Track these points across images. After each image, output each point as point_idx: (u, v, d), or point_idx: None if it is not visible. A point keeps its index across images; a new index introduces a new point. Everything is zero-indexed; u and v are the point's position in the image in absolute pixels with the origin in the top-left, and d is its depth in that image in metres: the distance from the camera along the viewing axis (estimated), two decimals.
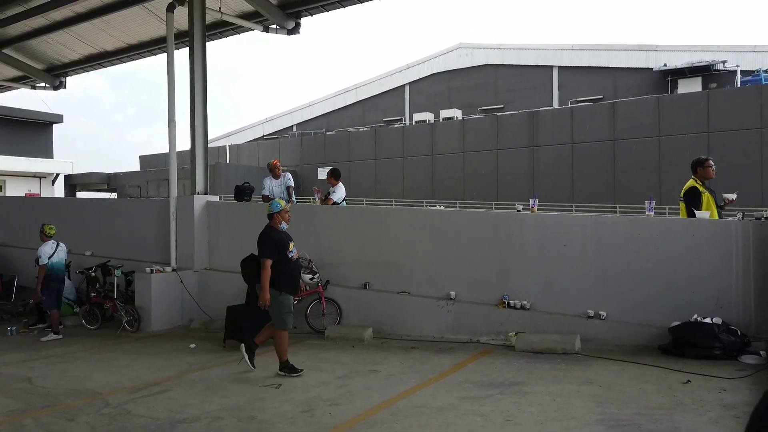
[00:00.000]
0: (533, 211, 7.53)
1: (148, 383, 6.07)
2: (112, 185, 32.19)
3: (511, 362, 6.10)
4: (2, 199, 20.45)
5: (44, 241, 9.41)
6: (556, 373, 5.57)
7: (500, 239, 7.55)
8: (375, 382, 5.65)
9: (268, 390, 5.58)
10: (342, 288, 8.67)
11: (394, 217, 8.92)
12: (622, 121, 24.41)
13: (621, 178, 24.17)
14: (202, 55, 10.73)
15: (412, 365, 6.24)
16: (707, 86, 27.17)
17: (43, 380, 6.37)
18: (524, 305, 7.25)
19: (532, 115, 26.83)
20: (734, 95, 22.82)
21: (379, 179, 29.88)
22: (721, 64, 27.70)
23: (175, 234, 10.17)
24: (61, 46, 14.97)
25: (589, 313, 6.86)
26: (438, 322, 7.76)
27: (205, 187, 10.53)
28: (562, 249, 7.10)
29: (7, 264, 12.28)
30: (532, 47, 33.91)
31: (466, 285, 7.74)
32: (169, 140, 10.23)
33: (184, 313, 9.77)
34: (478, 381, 5.44)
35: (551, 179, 25.19)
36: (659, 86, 29.34)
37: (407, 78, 37.36)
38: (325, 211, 9.42)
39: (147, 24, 13.29)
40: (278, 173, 10.20)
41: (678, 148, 22.73)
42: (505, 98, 33.85)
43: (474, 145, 27.97)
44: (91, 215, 12.21)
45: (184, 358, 7.30)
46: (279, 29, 12.07)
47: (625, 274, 6.78)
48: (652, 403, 4.60)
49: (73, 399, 5.62)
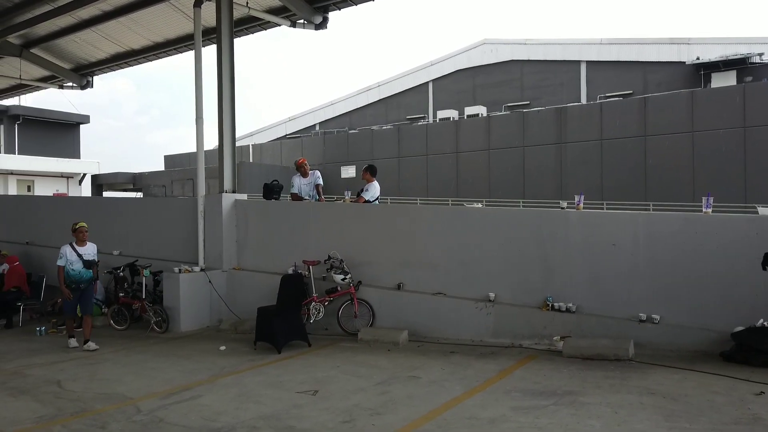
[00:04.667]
0: (579, 208, 7.14)
1: (180, 387, 5.86)
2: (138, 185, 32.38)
3: (560, 369, 5.73)
4: (30, 199, 20.62)
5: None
6: (611, 381, 5.20)
7: (543, 238, 7.18)
8: (417, 389, 5.34)
9: (305, 396, 5.31)
10: (374, 288, 8.38)
11: (428, 214, 8.60)
12: (653, 117, 23.72)
13: (652, 175, 23.48)
14: (230, 52, 10.54)
15: (454, 371, 5.91)
16: (742, 80, 26.30)
17: (72, 383, 6.20)
18: (569, 308, 6.87)
19: (560, 112, 26.26)
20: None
21: (403, 178, 29.53)
22: (757, 56, 26.79)
23: (203, 233, 9.99)
24: (88, 45, 14.96)
25: (641, 316, 6.45)
26: (477, 325, 7.42)
27: (233, 185, 10.33)
28: (611, 248, 6.70)
29: (35, 263, 12.25)
30: (559, 42, 33.24)
31: (506, 286, 7.39)
32: (196, 138, 10.05)
33: (213, 314, 9.59)
34: (528, 389, 5.10)
35: (579, 177, 24.58)
36: (691, 81, 28.50)
37: (430, 75, 36.96)
38: (356, 209, 9.14)
39: (173, 21, 13.16)
40: (306, 171, 9.96)
41: (712, 144, 22.03)
42: (530, 95, 33.25)
43: (499, 143, 27.50)
44: (119, 214, 12.11)
45: (214, 360, 7.09)
46: (306, 24, 11.83)
47: (680, 274, 6.36)
48: (726, 417, 4.22)
49: (103, 404, 5.42)
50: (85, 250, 8.43)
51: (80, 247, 8.41)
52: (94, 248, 8.59)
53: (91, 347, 8.07)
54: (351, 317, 8.28)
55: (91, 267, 8.39)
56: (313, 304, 8.44)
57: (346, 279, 8.33)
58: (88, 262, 8.37)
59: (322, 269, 8.69)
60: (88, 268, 8.37)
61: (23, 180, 30.36)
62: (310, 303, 8.43)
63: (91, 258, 8.44)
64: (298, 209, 9.63)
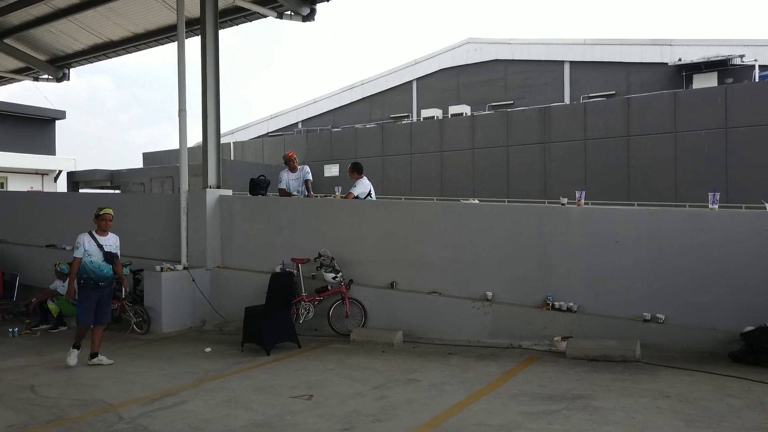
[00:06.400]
0: (580, 204, 6.93)
1: (163, 393, 5.49)
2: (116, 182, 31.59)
3: (565, 371, 5.50)
4: (2, 195, 19.88)
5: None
6: (622, 384, 4.98)
7: (543, 235, 6.95)
8: (417, 394, 5.06)
9: (299, 402, 4.99)
10: (366, 288, 8.09)
11: (422, 210, 8.32)
12: (636, 117, 23.85)
13: (635, 175, 23.59)
14: (215, 43, 10.15)
15: (455, 373, 5.64)
16: (723, 81, 26.59)
17: (47, 389, 5.79)
18: (570, 307, 6.65)
19: (544, 111, 26.26)
20: (753, 90, 22.28)
21: (387, 176, 29.27)
22: (738, 58, 27.10)
23: (186, 230, 9.58)
24: (65, 36, 14.38)
25: (645, 316, 6.26)
26: (474, 325, 7.17)
27: (217, 180, 9.94)
28: (613, 246, 6.50)
29: (8, 262, 11.70)
30: (543, 42, 33.33)
31: (504, 285, 7.15)
32: (179, 130, 9.64)
33: (196, 314, 9.19)
34: (535, 393, 4.85)
35: (564, 176, 24.59)
36: (674, 82, 28.77)
37: (415, 74, 36.79)
38: (347, 206, 8.83)
39: (154, 11, 12.68)
40: (295, 166, 9.63)
41: (695, 144, 22.21)
42: (515, 94, 33.27)
43: (484, 142, 27.43)
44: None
45: (199, 363, 6.72)
46: (294, 15, 11.46)
47: (686, 273, 6.18)
48: (749, 422, 4.01)
49: (81, 411, 5.03)
50: (107, 240, 7.02)
51: (101, 236, 7.01)
52: (116, 240, 7.15)
53: (104, 362, 6.84)
54: (342, 317, 7.97)
55: (112, 261, 6.97)
56: (303, 304, 8.11)
57: (337, 278, 8.02)
58: (109, 254, 6.94)
59: (311, 267, 8.37)
60: (109, 262, 6.96)
61: None
62: (300, 302, 8.10)
63: (113, 250, 7.02)
64: (286, 205, 9.30)
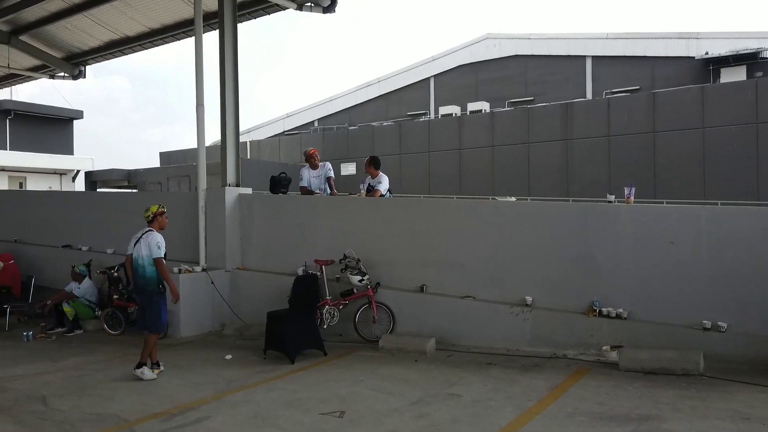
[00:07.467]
0: (629, 202, 6.40)
1: (183, 406, 5.09)
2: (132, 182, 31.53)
3: (622, 386, 4.99)
4: (19, 194, 19.74)
5: None
6: (691, 402, 4.47)
7: (588, 235, 6.44)
8: (461, 411, 4.59)
9: (330, 420, 4.55)
10: (394, 291, 7.63)
11: (452, 209, 7.84)
12: (662, 113, 23.14)
13: (662, 171, 22.87)
14: (233, 37, 9.76)
15: (498, 387, 5.16)
16: (753, 75, 25.74)
17: (59, 400, 5.42)
18: (620, 313, 6.13)
19: (566, 107, 25.64)
20: None
21: (404, 175, 28.81)
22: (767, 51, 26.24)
23: (204, 230, 9.20)
24: (80, 32, 14.11)
25: (705, 324, 5.72)
26: (512, 332, 6.68)
27: (236, 178, 9.55)
28: (668, 247, 5.97)
29: (24, 263, 11.42)
30: (564, 37, 32.71)
31: (545, 289, 6.65)
32: (197, 126, 9.25)
33: (215, 318, 8.81)
34: (593, 412, 4.36)
35: (586, 174, 23.97)
36: (700, 76, 27.96)
37: (432, 70, 36.33)
38: (372, 204, 8.37)
39: (170, 5, 12.35)
40: (316, 163, 9.20)
41: (724, 140, 21.45)
42: (535, 90, 32.64)
43: (503, 139, 26.88)
44: (113, 210, 11.30)
45: (220, 372, 6.32)
46: (314, 7, 11.04)
47: (751, 276, 5.64)
48: None
49: (93, 427, 4.65)
50: None
51: None
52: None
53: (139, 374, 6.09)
54: (369, 322, 7.53)
55: None
56: (327, 308, 7.68)
57: (364, 280, 7.58)
58: None
59: (335, 269, 7.94)
60: None
61: (15, 176, 29.45)
62: (324, 307, 7.67)
63: None
64: (308, 204, 8.87)
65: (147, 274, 6.36)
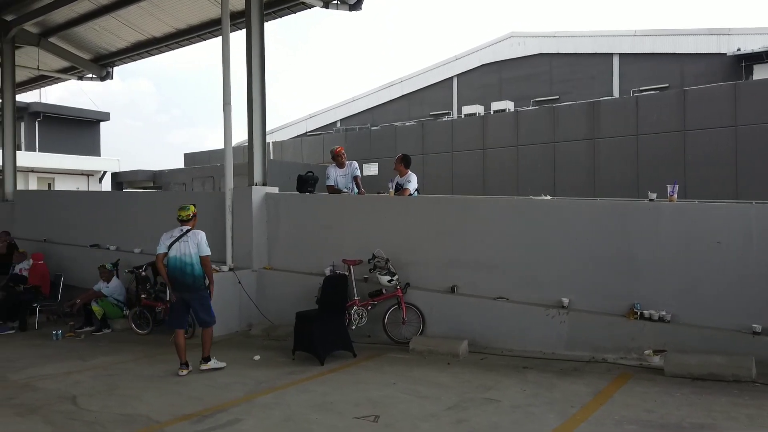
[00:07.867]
0: (672, 200, 6.14)
1: (213, 408, 4.99)
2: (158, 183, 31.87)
3: (670, 392, 4.75)
4: (48, 194, 20.03)
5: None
6: (747, 411, 4.22)
7: (628, 235, 6.19)
8: (500, 417, 4.40)
9: (365, 425, 4.40)
10: (424, 291, 7.46)
11: (484, 207, 7.64)
12: (693, 111, 22.49)
13: (691, 171, 22.24)
14: (260, 36, 9.71)
15: (537, 393, 4.96)
16: None
17: (88, 400, 5.37)
18: (663, 316, 5.88)
19: (593, 106, 25.12)
20: None
21: (427, 174, 28.49)
22: None
23: (231, 230, 9.14)
24: (108, 33, 14.24)
25: (755, 327, 5.44)
26: (547, 334, 6.46)
27: (263, 177, 9.48)
28: (715, 247, 5.70)
29: (53, 262, 11.53)
30: (590, 34, 32.17)
31: (582, 290, 6.42)
32: (224, 124, 9.19)
33: (242, 318, 8.74)
34: (643, 420, 4.14)
35: (614, 173, 23.45)
36: (731, 73, 27.21)
37: (455, 70, 36.03)
38: (400, 203, 8.21)
39: (197, 6, 12.40)
40: (342, 161, 9.07)
41: (757, 138, 20.76)
42: (560, 89, 32.15)
43: (528, 138, 26.45)
44: (140, 210, 11.33)
45: (249, 373, 6.22)
46: (340, 5, 10.99)
47: None
48: None
49: (124, 428, 4.57)
50: None
51: None
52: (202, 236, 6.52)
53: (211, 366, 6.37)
54: (398, 324, 7.37)
55: None
56: (356, 309, 7.54)
57: (393, 281, 7.42)
58: None
59: (362, 269, 7.80)
60: None
61: (44, 177, 29.98)
62: (352, 307, 7.53)
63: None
64: (336, 203, 8.75)
65: (196, 272, 6.39)
